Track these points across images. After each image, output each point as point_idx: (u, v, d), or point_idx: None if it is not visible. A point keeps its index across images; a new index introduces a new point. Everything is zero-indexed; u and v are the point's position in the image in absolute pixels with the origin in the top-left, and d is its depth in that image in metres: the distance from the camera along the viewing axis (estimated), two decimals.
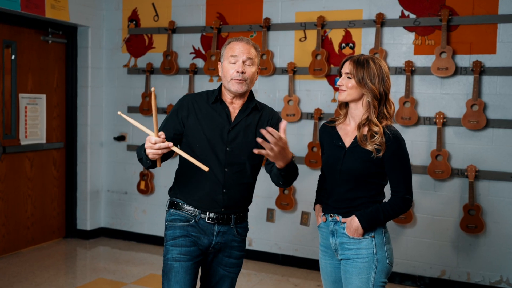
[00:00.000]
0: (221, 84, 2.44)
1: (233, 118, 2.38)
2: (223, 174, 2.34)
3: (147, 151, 2.11)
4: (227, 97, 2.41)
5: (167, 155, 2.32)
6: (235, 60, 2.34)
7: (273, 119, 2.46)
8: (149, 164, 2.23)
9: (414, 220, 4.24)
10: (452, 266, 4.16)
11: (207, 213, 2.36)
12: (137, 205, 5.32)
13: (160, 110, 5.03)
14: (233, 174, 2.35)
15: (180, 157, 2.39)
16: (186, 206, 2.39)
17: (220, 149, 2.34)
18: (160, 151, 2.09)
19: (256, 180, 2.47)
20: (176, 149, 2.13)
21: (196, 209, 2.37)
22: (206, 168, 2.07)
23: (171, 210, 2.43)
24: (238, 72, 2.32)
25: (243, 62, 2.33)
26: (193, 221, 2.37)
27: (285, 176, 2.25)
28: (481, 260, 4.08)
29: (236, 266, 2.47)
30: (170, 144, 2.09)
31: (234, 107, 2.41)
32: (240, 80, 2.32)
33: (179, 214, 2.39)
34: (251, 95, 2.45)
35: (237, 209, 2.41)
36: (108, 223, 5.49)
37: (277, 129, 2.36)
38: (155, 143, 2.08)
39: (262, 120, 2.43)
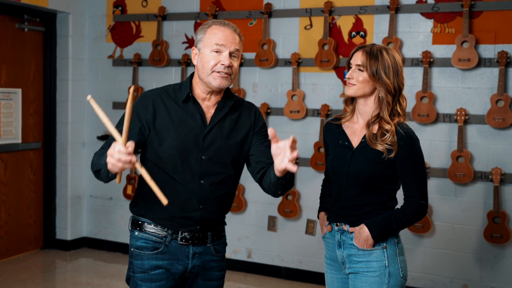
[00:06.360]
0: (190, 77, 2.29)
1: (208, 120, 2.24)
2: (198, 187, 2.20)
3: (107, 158, 1.90)
4: (200, 92, 2.25)
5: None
6: (221, 49, 2.17)
7: (257, 122, 2.32)
8: (109, 177, 2.04)
9: (433, 228, 4.25)
10: (475, 280, 4.16)
11: (179, 233, 2.23)
12: (123, 212, 5.33)
13: None
14: (210, 186, 2.22)
15: (146, 163, 2.24)
16: (153, 227, 2.24)
17: (194, 158, 2.20)
18: (119, 164, 1.87)
19: (236, 190, 2.35)
20: (141, 169, 1.92)
21: (165, 229, 2.23)
22: (165, 202, 1.87)
23: (136, 233, 2.27)
24: (223, 65, 2.16)
25: (230, 53, 2.18)
26: (162, 246, 2.23)
27: (286, 184, 2.10)
28: (507, 274, 4.08)
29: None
30: (134, 159, 1.87)
31: (208, 105, 2.26)
32: (225, 74, 2.18)
33: (146, 239, 2.24)
34: (227, 90, 2.31)
35: (215, 224, 2.30)
36: (91, 232, 5.50)
37: (263, 133, 2.32)
38: (118, 152, 1.86)
39: (242, 122, 2.30)
